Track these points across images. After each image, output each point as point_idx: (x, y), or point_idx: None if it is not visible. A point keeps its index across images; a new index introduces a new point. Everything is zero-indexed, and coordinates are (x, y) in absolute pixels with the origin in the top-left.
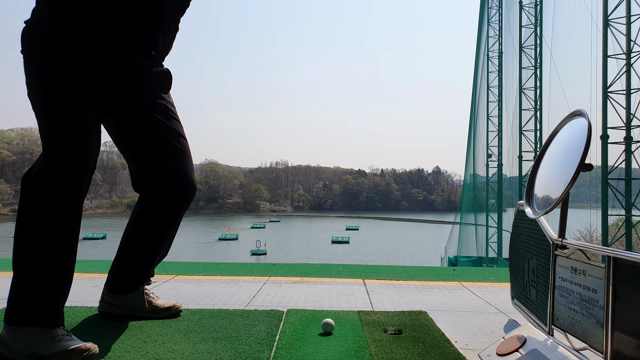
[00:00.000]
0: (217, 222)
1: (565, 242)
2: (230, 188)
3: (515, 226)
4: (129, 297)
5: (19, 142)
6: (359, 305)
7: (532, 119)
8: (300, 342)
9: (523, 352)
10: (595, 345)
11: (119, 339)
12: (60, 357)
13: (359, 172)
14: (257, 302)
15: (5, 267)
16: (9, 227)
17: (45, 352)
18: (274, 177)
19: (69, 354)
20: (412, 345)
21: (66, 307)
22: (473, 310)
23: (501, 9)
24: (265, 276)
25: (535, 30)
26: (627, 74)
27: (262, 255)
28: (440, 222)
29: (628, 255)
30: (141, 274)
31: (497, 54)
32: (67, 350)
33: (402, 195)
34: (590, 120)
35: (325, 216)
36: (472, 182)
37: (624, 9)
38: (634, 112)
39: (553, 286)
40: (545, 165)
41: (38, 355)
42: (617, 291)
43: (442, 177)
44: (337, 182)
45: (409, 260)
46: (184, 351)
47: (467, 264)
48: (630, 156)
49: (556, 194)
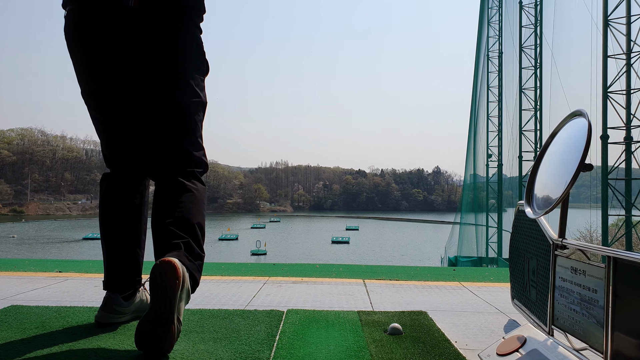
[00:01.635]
0: (217, 222)
1: (565, 242)
2: (230, 188)
3: (515, 226)
4: (137, 302)
5: (19, 142)
6: (359, 305)
7: (532, 119)
8: (300, 342)
9: (523, 352)
10: (595, 345)
11: (119, 339)
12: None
13: (359, 172)
14: (257, 302)
15: (5, 267)
16: (9, 227)
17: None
18: (274, 177)
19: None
20: (412, 345)
21: (66, 307)
22: (473, 310)
23: (501, 9)
24: (265, 276)
25: (535, 30)
26: (627, 74)
27: (262, 255)
28: (440, 222)
29: (628, 255)
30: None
31: (497, 54)
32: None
33: (402, 196)
34: (590, 120)
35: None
36: (472, 182)
37: (624, 9)
38: (634, 112)
39: (553, 286)
40: (545, 165)
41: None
42: (617, 291)
43: (442, 177)
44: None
45: (409, 260)
46: (183, 351)
47: (467, 264)
48: (630, 156)
49: (556, 194)
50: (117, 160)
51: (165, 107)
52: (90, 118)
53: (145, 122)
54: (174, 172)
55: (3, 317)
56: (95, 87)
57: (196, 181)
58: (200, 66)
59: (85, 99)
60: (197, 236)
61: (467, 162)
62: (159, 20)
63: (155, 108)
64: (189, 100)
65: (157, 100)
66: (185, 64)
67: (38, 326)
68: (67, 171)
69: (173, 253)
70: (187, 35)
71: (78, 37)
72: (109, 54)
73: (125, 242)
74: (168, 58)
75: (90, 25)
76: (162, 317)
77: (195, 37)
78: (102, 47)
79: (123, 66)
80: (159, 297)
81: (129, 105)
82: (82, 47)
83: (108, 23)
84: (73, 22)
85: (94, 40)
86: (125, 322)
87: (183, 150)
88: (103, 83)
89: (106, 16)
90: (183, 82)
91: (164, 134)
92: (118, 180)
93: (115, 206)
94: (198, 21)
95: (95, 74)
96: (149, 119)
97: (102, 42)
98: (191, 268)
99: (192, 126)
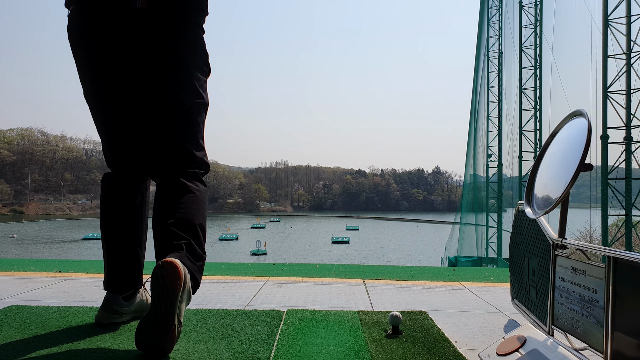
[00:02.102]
0: (217, 222)
1: (565, 242)
2: (230, 188)
3: (515, 226)
4: (137, 302)
5: (19, 142)
6: (359, 305)
7: (532, 119)
8: (300, 342)
9: (523, 352)
10: (595, 345)
11: (119, 339)
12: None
13: (359, 172)
14: (257, 302)
15: (5, 267)
16: (9, 227)
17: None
18: (274, 177)
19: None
20: (412, 345)
21: (66, 307)
22: (473, 310)
23: (501, 9)
24: (265, 276)
25: (535, 30)
26: (627, 74)
27: (262, 255)
28: (440, 222)
29: (628, 255)
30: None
31: (497, 54)
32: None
33: (402, 196)
34: (590, 120)
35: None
36: (472, 182)
37: (624, 9)
38: (634, 112)
39: (553, 286)
40: (545, 165)
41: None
42: (617, 291)
43: (442, 177)
44: (337, 182)
45: (409, 260)
46: (183, 351)
47: (467, 264)
48: (630, 156)
49: (556, 194)
50: (118, 161)
51: (169, 108)
52: (91, 117)
53: (148, 123)
54: (175, 173)
55: (3, 317)
56: (98, 87)
57: (198, 182)
58: (203, 67)
59: (87, 99)
60: (198, 237)
61: (467, 162)
62: (163, 21)
63: (159, 109)
64: (192, 102)
65: (161, 101)
66: (189, 65)
67: (38, 326)
68: (67, 171)
69: (175, 254)
70: (191, 36)
71: (82, 37)
72: (113, 55)
73: (126, 242)
74: (172, 59)
75: (96, 25)
76: (162, 318)
77: (199, 37)
78: (106, 47)
79: (127, 67)
80: (160, 297)
81: (132, 106)
82: (87, 47)
83: (114, 23)
84: (77, 22)
85: (99, 41)
86: (126, 322)
87: (185, 151)
88: (106, 84)
89: (112, 16)
90: (187, 83)
91: (167, 135)
92: (119, 181)
93: (116, 206)
94: (201, 22)
95: (99, 75)
96: (152, 119)
97: (107, 43)
98: (192, 269)
99: (195, 127)
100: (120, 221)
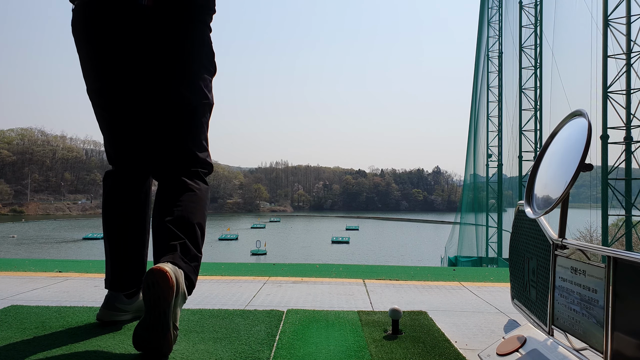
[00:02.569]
0: (217, 222)
1: (565, 242)
2: (230, 188)
3: (515, 226)
4: (139, 300)
5: (19, 142)
6: (359, 305)
7: (532, 119)
8: (300, 342)
9: (523, 352)
10: (595, 345)
11: (119, 339)
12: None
13: (359, 172)
14: (257, 302)
15: (5, 267)
16: (9, 227)
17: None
18: (274, 177)
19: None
20: (412, 345)
21: (66, 307)
22: (473, 310)
23: (501, 9)
24: (265, 276)
25: (535, 30)
26: (627, 74)
27: (262, 255)
28: (440, 222)
29: (628, 255)
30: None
31: (497, 54)
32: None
33: (402, 196)
34: (590, 120)
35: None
36: (472, 182)
37: (624, 9)
38: (634, 112)
39: (553, 286)
40: (545, 165)
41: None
42: (617, 291)
43: (442, 177)
44: (337, 182)
45: (409, 260)
46: (183, 351)
47: (467, 264)
48: (630, 156)
49: (556, 194)
50: (120, 158)
51: (174, 108)
52: (94, 114)
53: (151, 122)
54: (177, 172)
55: (3, 317)
56: (102, 84)
57: (199, 181)
58: (209, 67)
59: (91, 96)
60: (195, 236)
61: (467, 162)
62: (169, 19)
63: (163, 108)
64: (198, 102)
65: (166, 100)
66: (195, 65)
67: (38, 326)
68: (67, 171)
69: (168, 257)
70: (197, 35)
71: (86, 33)
72: (117, 52)
73: (129, 240)
74: (178, 58)
75: (101, 21)
76: (157, 325)
77: (206, 36)
78: (111, 44)
79: (131, 65)
80: (152, 305)
81: (136, 104)
82: (91, 43)
83: (119, 20)
84: (82, 17)
85: (104, 37)
86: (127, 321)
87: (188, 151)
88: (110, 81)
89: (118, 13)
90: (193, 83)
91: (170, 135)
92: (122, 179)
93: (119, 204)
94: (208, 20)
95: (102, 72)
96: (156, 118)
97: (112, 40)
98: (187, 270)
99: (199, 127)
100: (123, 218)
